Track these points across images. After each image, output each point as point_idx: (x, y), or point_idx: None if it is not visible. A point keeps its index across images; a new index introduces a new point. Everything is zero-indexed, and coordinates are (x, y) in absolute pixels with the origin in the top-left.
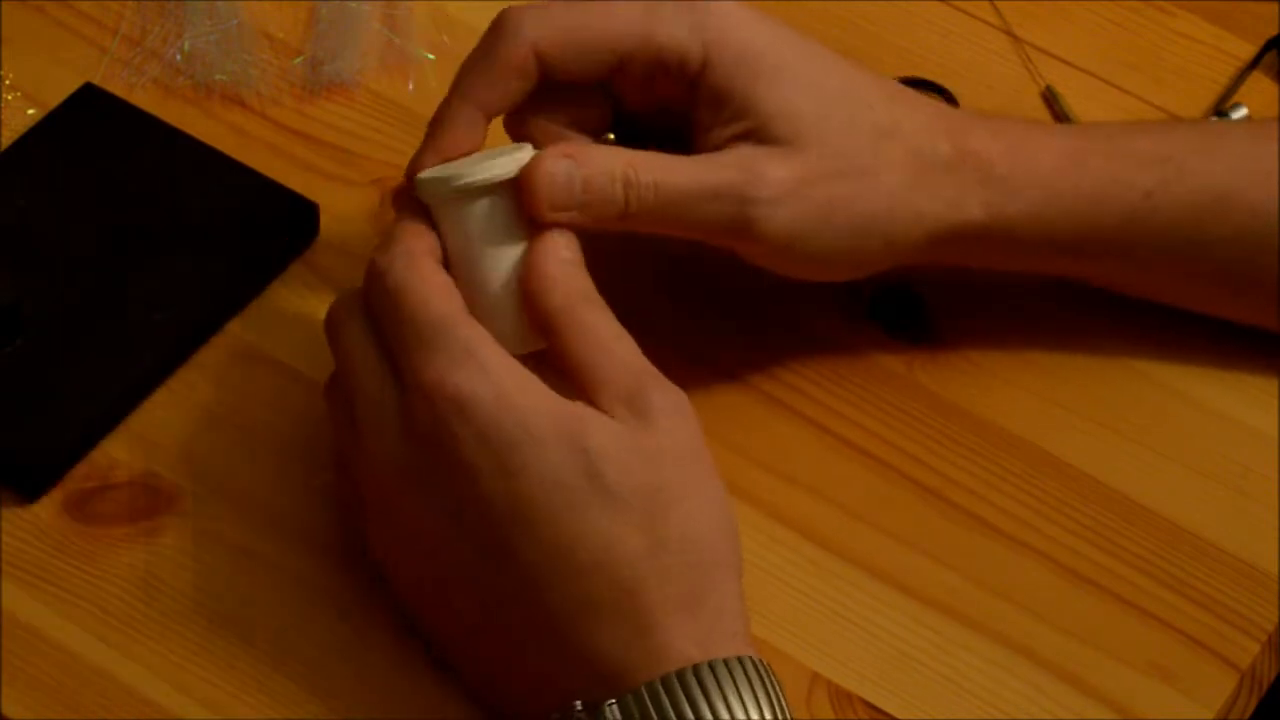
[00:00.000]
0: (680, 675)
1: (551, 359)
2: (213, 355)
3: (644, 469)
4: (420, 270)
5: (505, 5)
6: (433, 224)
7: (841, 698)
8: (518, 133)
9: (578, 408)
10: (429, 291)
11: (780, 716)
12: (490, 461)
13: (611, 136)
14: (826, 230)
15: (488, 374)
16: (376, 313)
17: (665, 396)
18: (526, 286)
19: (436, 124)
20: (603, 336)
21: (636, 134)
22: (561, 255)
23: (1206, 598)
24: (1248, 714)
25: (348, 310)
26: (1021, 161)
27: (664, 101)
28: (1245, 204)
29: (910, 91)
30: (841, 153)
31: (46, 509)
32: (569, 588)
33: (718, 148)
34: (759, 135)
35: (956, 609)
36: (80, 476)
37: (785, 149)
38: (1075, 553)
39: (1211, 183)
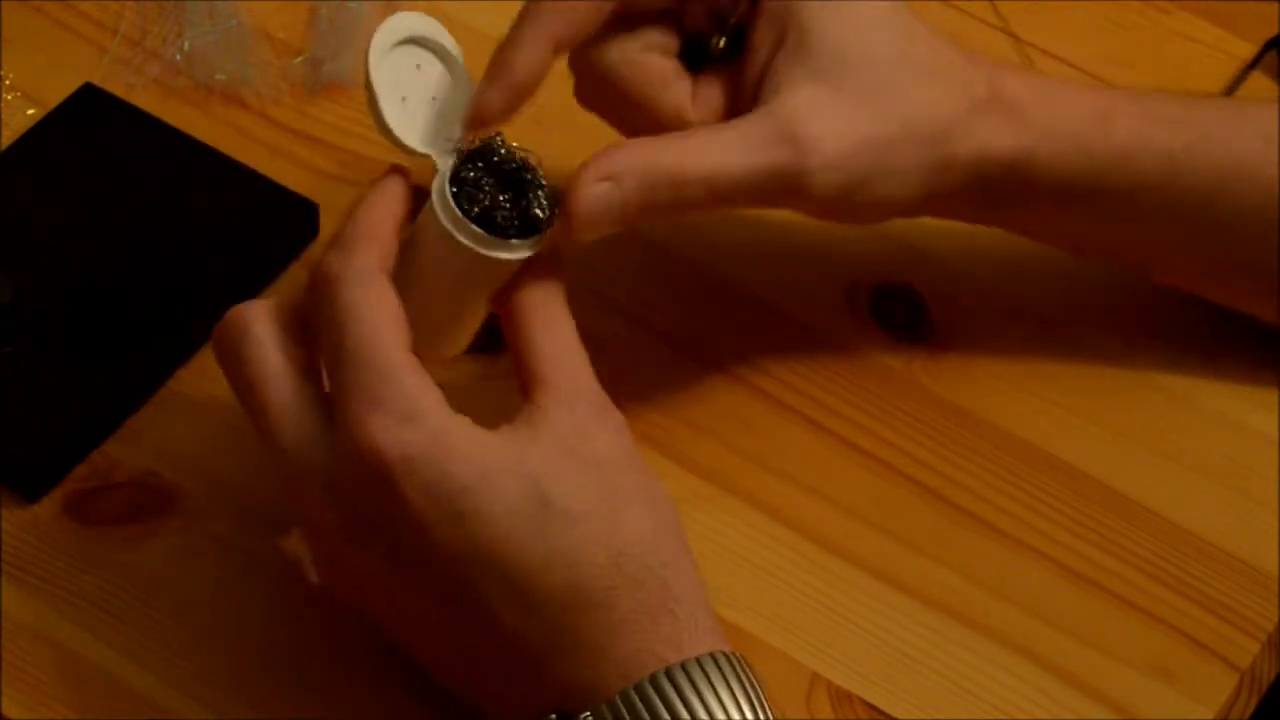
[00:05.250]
0: (654, 679)
1: (510, 348)
2: (213, 355)
3: (589, 480)
4: (375, 296)
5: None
6: (404, 197)
7: (841, 698)
8: (585, 65)
9: (511, 434)
10: (381, 327)
11: (757, 706)
12: (440, 511)
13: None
14: (875, 180)
15: (427, 426)
16: (316, 321)
17: (604, 411)
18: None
19: (500, 56)
20: (565, 341)
21: (700, 53)
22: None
23: (1206, 598)
24: (1248, 714)
25: (250, 332)
26: (1054, 111)
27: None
28: (1265, 179)
29: (936, 34)
30: (887, 92)
31: (46, 509)
32: (540, 616)
33: (767, 73)
34: (807, 64)
35: (956, 609)
36: (80, 476)
37: (831, 91)
38: (1075, 553)
39: (1235, 151)
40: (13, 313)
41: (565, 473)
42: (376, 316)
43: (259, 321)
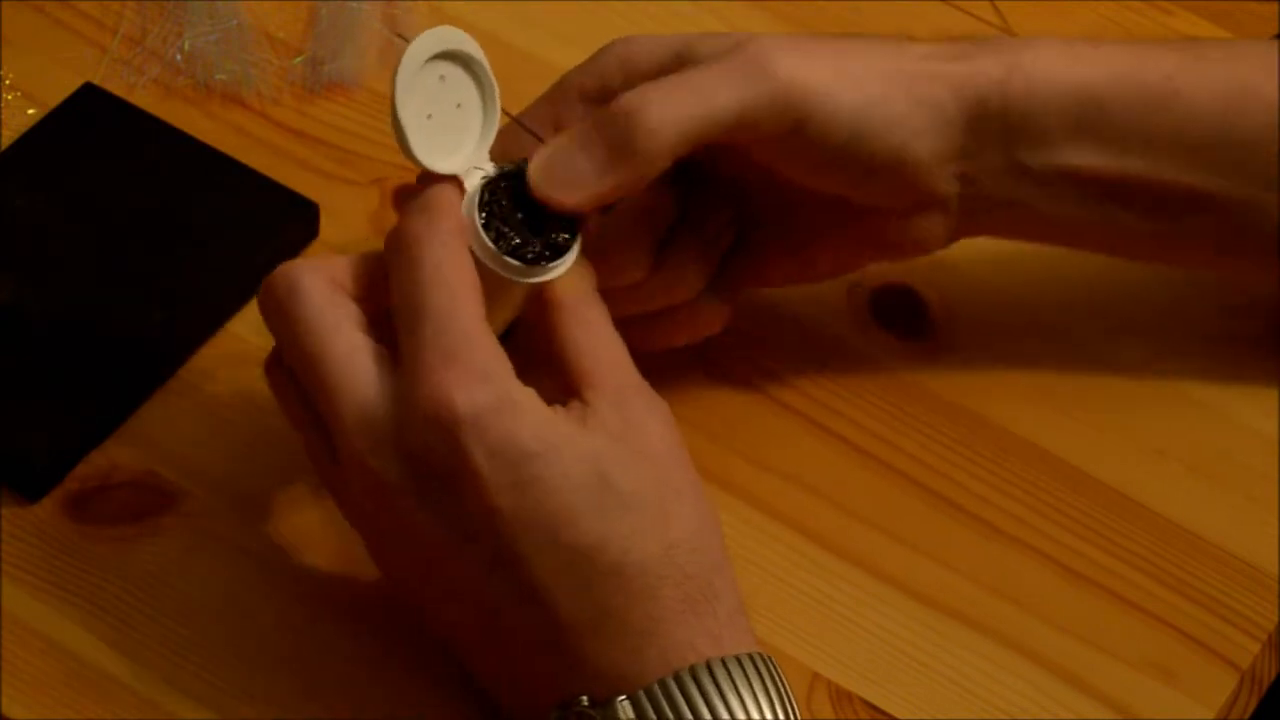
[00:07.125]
0: (693, 671)
1: (545, 347)
2: (213, 355)
3: (644, 470)
4: (459, 262)
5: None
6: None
7: (841, 698)
8: None
9: (573, 415)
10: (463, 294)
11: (791, 712)
12: (504, 475)
13: None
14: (875, 129)
15: (500, 388)
16: (394, 279)
17: (652, 402)
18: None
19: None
20: (604, 335)
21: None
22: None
23: (1206, 598)
24: (1248, 714)
25: (300, 287)
26: (1034, 42)
27: None
28: (1267, 98)
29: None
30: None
31: (47, 509)
32: (588, 594)
33: None
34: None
35: (956, 609)
36: (80, 476)
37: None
38: (1075, 552)
39: (1234, 73)
40: (13, 313)
41: (623, 460)
42: (458, 282)
43: (309, 276)
